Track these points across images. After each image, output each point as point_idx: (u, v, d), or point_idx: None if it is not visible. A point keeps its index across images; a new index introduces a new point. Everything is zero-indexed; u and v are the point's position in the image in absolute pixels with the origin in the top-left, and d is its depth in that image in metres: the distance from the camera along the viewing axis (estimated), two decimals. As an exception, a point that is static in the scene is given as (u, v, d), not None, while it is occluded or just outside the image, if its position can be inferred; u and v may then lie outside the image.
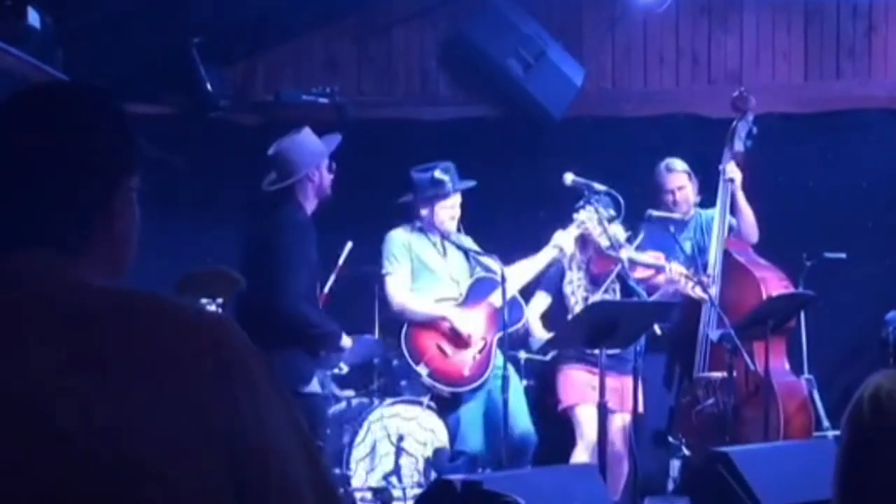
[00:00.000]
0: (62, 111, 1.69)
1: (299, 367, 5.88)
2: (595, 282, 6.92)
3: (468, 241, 7.03)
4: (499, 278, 6.69)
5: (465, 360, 6.78)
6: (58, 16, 6.76)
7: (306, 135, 6.18)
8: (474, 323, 6.79)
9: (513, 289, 6.83)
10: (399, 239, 6.88)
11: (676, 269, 6.88)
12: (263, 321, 5.57)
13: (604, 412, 6.14)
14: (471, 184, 6.93)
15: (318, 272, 6.23)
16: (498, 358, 6.83)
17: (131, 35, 7.38)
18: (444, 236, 6.90)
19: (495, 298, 6.67)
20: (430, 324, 6.83)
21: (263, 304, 5.75)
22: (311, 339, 6.00)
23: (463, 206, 6.98)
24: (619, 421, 6.84)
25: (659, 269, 6.89)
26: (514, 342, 6.86)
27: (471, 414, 6.77)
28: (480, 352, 6.77)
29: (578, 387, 6.86)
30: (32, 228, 1.64)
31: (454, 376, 6.76)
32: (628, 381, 6.69)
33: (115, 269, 1.71)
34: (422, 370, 6.72)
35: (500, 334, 6.73)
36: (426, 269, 6.87)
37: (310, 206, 6.11)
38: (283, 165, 6.09)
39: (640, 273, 6.88)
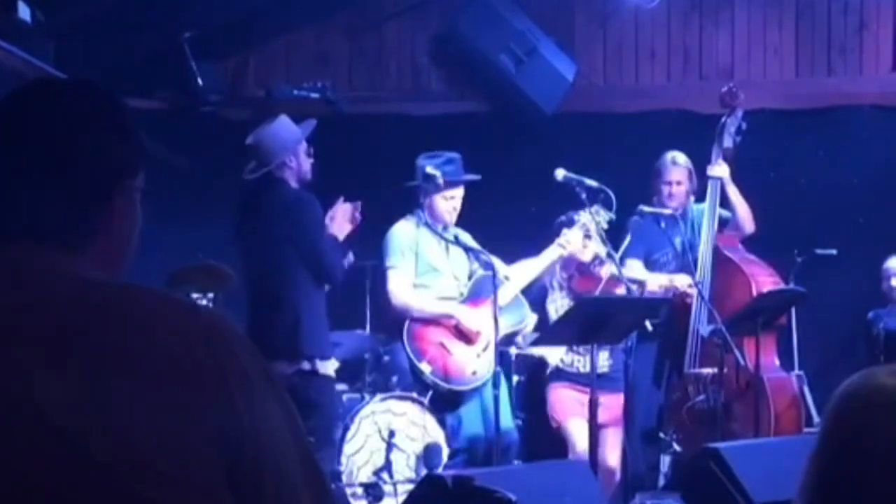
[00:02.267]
0: (64, 108, 1.69)
1: (325, 345, 6.13)
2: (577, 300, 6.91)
3: (467, 237, 6.99)
4: (502, 277, 6.69)
5: (468, 359, 6.72)
6: (49, 10, 6.75)
7: (282, 122, 6.25)
8: (481, 320, 6.74)
9: (516, 288, 6.83)
10: (404, 233, 6.79)
11: (656, 281, 6.91)
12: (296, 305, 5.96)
13: (595, 424, 6.11)
14: (469, 177, 6.84)
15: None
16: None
17: (123, 30, 7.37)
18: (444, 229, 6.86)
19: (499, 297, 6.62)
20: (434, 321, 6.76)
21: (302, 282, 6.00)
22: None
23: (456, 200, 6.96)
24: (612, 435, 6.85)
25: (641, 284, 6.89)
26: (504, 338, 6.85)
27: (471, 413, 6.73)
28: (485, 350, 6.73)
29: (567, 403, 6.94)
30: (32, 224, 1.64)
31: (457, 374, 6.70)
32: (617, 398, 6.70)
33: (113, 267, 1.70)
34: (425, 368, 6.68)
35: (504, 333, 6.70)
36: (429, 267, 6.79)
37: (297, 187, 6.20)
38: (260, 153, 6.18)
39: (620, 290, 6.84)
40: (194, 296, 6.47)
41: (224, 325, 1.63)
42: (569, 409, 6.89)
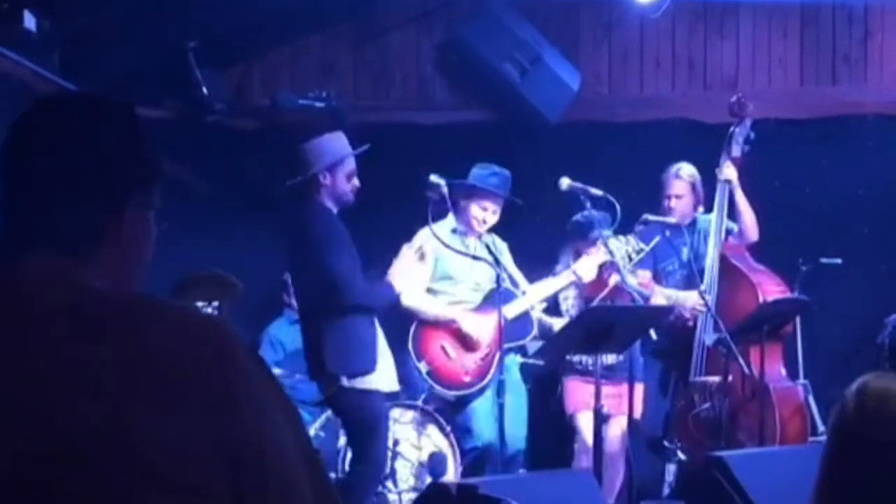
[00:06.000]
0: (76, 122, 1.72)
1: (360, 363, 6.03)
2: (588, 302, 6.93)
3: (503, 247, 7.03)
4: (520, 293, 6.72)
5: (466, 365, 6.76)
6: (54, 19, 6.77)
7: (332, 137, 6.25)
8: (484, 328, 6.76)
9: (527, 303, 6.85)
10: (426, 239, 6.81)
11: (661, 296, 6.92)
12: (321, 313, 5.97)
13: (600, 418, 6.16)
14: (480, 187, 6.88)
15: (356, 259, 6.21)
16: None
17: (128, 39, 7.38)
18: (479, 237, 6.91)
19: (508, 310, 6.62)
20: (439, 324, 6.82)
21: (320, 302, 6.00)
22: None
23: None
24: (617, 424, 6.86)
25: (645, 298, 6.88)
26: (511, 346, 6.87)
27: (480, 410, 6.77)
28: (483, 359, 6.75)
29: (579, 395, 6.96)
30: (45, 234, 1.67)
31: (453, 379, 6.76)
32: (625, 387, 6.70)
33: (122, 280, 1.72)
34: (423, 367, 6.74)
35: (506, 346, 6.71)
36: (446, 274, 6.86)
37: (330, 206, 6.16)
38: (297, 161, 6.19)
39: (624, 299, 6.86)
40: (199, 304, 6.47)
41: (227, 333, 1.64)
42: (580, 401, 6.92)
